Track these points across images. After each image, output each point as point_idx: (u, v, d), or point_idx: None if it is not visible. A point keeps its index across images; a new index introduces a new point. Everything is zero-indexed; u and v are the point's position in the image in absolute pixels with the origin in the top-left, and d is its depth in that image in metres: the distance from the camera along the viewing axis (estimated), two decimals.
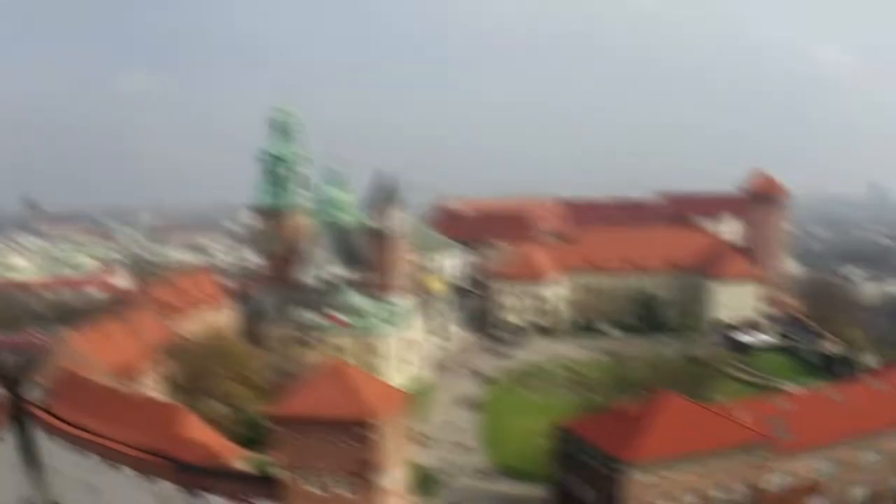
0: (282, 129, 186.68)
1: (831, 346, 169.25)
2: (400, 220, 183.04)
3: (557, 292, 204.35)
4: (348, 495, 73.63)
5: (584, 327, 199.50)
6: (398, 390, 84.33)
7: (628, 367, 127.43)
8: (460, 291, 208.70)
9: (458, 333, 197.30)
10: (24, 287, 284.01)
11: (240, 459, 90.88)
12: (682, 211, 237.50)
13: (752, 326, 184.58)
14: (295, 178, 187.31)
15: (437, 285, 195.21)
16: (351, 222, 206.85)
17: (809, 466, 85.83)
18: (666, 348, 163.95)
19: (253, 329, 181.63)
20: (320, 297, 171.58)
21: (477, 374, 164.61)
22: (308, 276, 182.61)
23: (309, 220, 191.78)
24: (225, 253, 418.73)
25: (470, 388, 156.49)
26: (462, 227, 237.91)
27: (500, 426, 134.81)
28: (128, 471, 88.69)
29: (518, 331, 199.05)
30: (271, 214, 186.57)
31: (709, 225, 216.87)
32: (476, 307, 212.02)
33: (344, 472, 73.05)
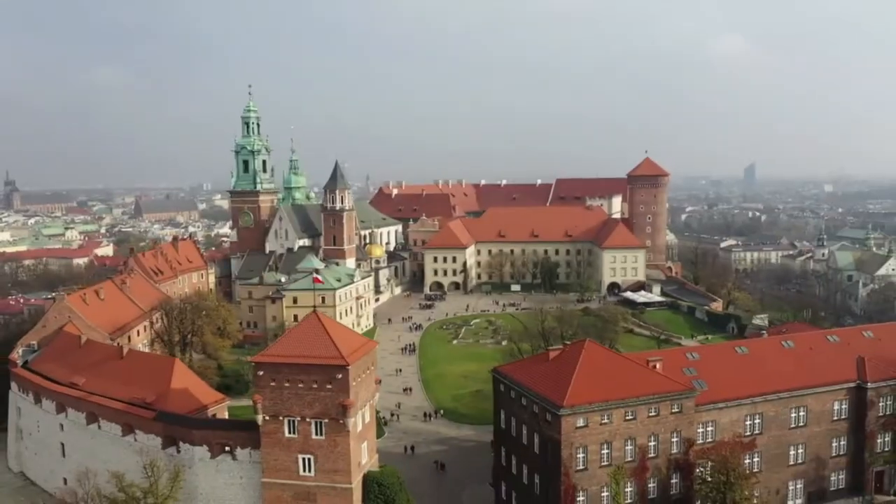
0: (250, 124, 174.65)
1: (717, 306, 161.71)
2: (349, 200, 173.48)
3: (472, 258, 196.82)
4: (322, 438, 64.47)
5: (494, 286, 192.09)
6: (367, 339, 74.58)
7: (547, 319, 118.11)
8: (395, 257, 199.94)
9: (394, 290, 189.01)
10: (10, 258, 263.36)
11: (223, 408, 79.84)
12: (576, 193, 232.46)
13: (640, 287, 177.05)
14: (262, 165, 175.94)
15: (377, 252, 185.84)
16: (306, 202, 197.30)
17: (732, 419, 72.03)
18: (567, 304, 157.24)
19: (228, 289, 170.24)
20: (287, 262, 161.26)
21: (412, 325, 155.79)
22: (275, 245, 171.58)
23: (274, 200, 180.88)
24: (200, 228, 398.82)
25: (407, 336, 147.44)
26: (395, 205, 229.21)
27: (435, 371, 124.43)
28: (113, 427, 74.65)
29: (441, 288, 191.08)
30: (245, 196, 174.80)
31: (599, 204, 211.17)
32: (408, 269, 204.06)
33: (320, 415, 63.73)
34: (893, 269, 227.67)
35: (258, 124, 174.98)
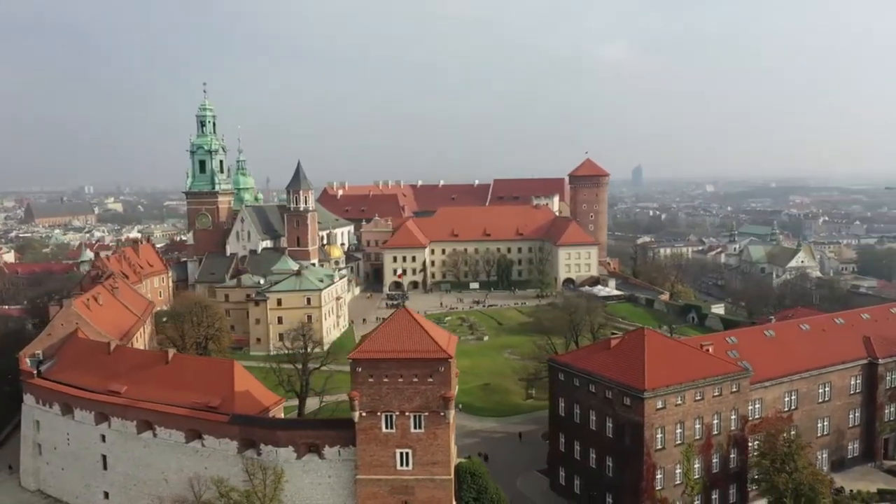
0: (206, 123, 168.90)
1: (664, 298, 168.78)
2: (312, 201, 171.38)
3: (427, 257, 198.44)
4: (421, 431, 65.02)
5: (453, 284, 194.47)
6: (448, 332, 75.32)
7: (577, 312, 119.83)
8: (350, 258, 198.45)
9: (354, 291, 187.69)
10: None
11: (280, 409, 77.98)
12: (514, 192, 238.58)
13: (596, 282, 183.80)
14: (220, 165, 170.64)
15: (336, 253, 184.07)
16: (254, 203, 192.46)
17: (774, 396, 77.83)
18: (529, 300, 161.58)
19: (190, 292, 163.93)
20: (252, 264, 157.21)
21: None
22: (237, 248, 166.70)
23: (231, 201, 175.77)
24: (106, 232, 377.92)
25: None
26: (341, 206, 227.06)
27: None
28: (174, 434, 71.86)
29: (400, 287, 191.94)
30: (202, 197, 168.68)
31: (545, 203, 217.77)
32: (361, 270, 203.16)
33: (420, 408, 64.28)
34: (802, 262, 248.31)
35: (214, 123, 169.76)
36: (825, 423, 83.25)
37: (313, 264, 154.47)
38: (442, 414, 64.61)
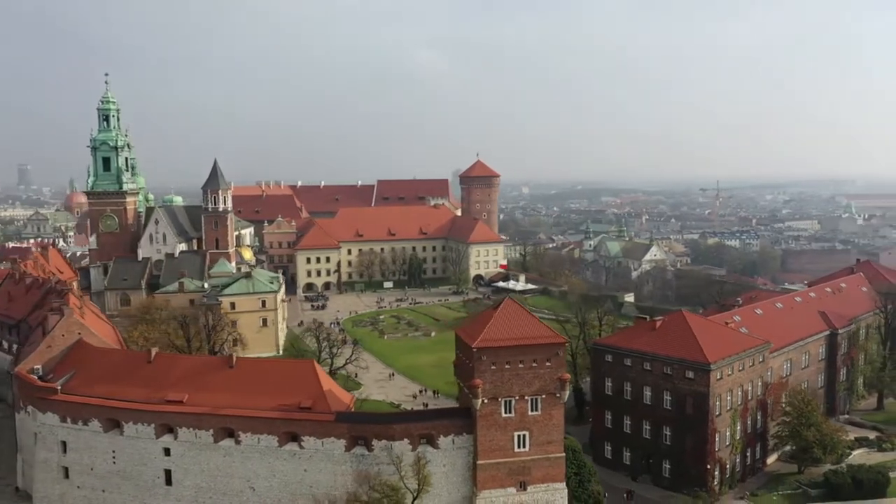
0: (109, 117, 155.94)
1: (566, 289, 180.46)
2: (230, 201, 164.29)
3: (341, 257, 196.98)
4: (537, 413, 68.51)
5: (366, 284, 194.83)
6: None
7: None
8: (257, 260, 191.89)
9: None
10: None
11: (352, 404, 77.01)
12: (399, 193, 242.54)
13: (506, 277, 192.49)
14: (126, 163, 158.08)
15: (248, 255, 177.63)
16: (147, 203, 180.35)
17: (778, 364, 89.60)
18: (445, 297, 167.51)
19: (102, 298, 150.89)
20: (171, 268, 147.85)
21: (334, 323, 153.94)
22: (150, 251, 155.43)
23: (137, 202, 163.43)
24: None
25: (338, 336, 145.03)
26: (233, 207, 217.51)
27: (405, 363, 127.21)
28: (263, 439, 69.09)
29: (311, 289, 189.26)
30: (107, 197, 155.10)
31: (442, 202, 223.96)
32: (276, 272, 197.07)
33: (538, 391, 67.72)
34: (655, 255, 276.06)
35: (118, 117, 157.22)
36: (806, 386, 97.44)
37: (256, 265, 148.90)
38: (557, 395, 69.01)
